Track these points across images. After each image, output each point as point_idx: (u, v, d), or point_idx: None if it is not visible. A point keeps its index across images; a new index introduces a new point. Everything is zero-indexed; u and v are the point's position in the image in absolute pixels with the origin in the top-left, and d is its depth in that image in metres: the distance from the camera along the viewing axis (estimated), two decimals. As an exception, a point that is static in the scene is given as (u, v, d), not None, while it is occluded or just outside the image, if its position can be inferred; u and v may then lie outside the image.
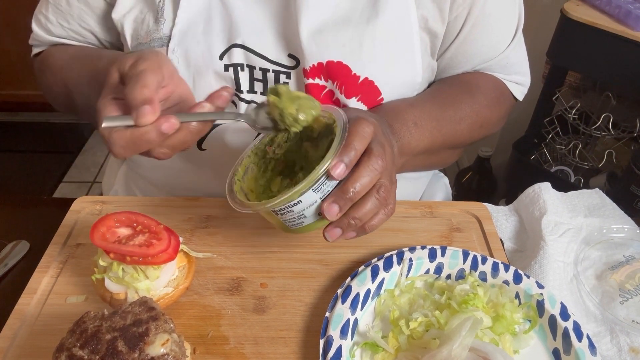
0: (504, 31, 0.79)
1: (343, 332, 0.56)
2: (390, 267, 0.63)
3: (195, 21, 0.71)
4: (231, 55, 0.71)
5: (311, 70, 0.70)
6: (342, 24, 0.70)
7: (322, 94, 0.73)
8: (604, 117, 1.40)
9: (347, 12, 0.70)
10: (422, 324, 0.57)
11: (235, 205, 0.57)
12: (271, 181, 0.64)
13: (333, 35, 0.70)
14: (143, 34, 0.73)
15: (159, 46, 0.72)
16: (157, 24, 0.72)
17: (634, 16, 1.22)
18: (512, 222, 0.78)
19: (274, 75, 0.72)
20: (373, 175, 0.53)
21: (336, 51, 0.70)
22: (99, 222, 0.58)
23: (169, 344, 0.48)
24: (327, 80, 0.71)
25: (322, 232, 0.56)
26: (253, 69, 0.72)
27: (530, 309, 0.61)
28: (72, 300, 0.62)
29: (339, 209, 0.53)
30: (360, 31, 0.70)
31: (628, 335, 0.61)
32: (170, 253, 0.58)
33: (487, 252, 0.70)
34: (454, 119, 0.75)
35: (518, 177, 1.65)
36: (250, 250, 0.69)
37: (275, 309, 0.62)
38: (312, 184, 0.51)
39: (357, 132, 0.53)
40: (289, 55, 0.72)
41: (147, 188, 0.86)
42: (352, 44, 0.70)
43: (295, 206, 0.53)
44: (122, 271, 0.58)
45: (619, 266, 0.69)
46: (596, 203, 0.79)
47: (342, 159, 0.51)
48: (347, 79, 0.71)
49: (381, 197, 0.55)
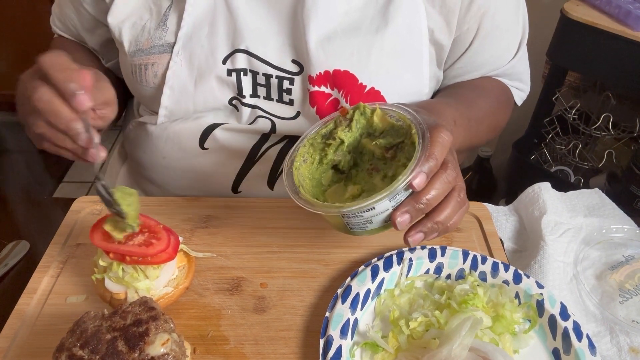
0: (511, 41, 0.80)
1: (343, 332, 0.56)
2: (390, 267, 0.63)
3: (200, 26, 0.72)
4: (234, 60, 0.71)
5: (317, 78, 0.70)
6: (351, 32, 0.70)
7: (327, 102, 0.73)
8: (604, 117, 1.40)
9: (356, 20, 0.70)
10: (422, 324, 0.57)
11: (301, 202, 0.54)
12: (323, 174, 0.61)
13: (341, 44, 0.70)
14: (143, 40, 0.73)
15: (160, 53, 0.72)
16: (160, 32, 0.72)
17: (634, 16, 1.22)
18: (512, 222, 0.78)
19: (277, 80, 0.72)
20: (446, 187, 0.53)
21: (344, 60, 0.70)
22: (98, 222, 0.58)
23: (169, 343, 0.48)
24: (333, 88, 0.71)
25: (404, 238, 0.54)
26: (256, 74, 0.72)
27: (530, 309, 0.61)
28: (72, 300, 0.62)
29: (410, 219, 0.52)
30: (369, 41, 0.70)
31: (628, 335, 0.61)
32: (169, 253, 0.58)
33: (487, 252, 0.70)
34: (477, 119, 0.75)
35: (518, 177, 1.65)
36: (250, 250, 0.69)
37: (275, 308, 0.62)
38: (391, 194, 0.50)
39: (438, 142, 0.52)
40: (293, 61, 0.72)
41: (149, 188, 0.86)
42: (360, 54, 0.70)
43: (366, 212, 0.52)
44: (122, 271, 0.58)
45: (619, 266, 0.69)
46: (596, 203, 0.79)
47: (423, 170, 0.50)
48: (353, 88, 0.71)
49: (461, 199, 0.55)
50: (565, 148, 1.55)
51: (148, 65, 0.73)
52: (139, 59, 0.74)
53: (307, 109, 0.74)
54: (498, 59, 0.80)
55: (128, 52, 0.74)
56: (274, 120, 0.75)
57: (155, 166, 0.81)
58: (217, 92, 0.73)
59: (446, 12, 0.71)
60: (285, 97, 0.74)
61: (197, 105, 0.74)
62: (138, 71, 0.74)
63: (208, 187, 0.80)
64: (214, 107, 0.75)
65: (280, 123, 0.75)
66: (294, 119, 0.75)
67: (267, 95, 0.74)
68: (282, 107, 0.75)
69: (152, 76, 0.74)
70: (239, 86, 0.73)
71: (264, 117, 0.75)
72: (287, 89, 0.73)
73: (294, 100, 0.74)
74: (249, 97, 0.74)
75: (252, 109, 0.75)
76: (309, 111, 0.73)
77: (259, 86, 0.73)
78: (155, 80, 0.74)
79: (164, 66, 0.73)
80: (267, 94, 0.74)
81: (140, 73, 0.74)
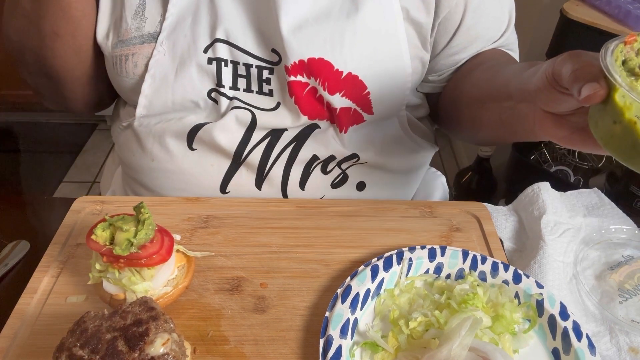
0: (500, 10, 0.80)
1: (343, 332, 0.56)
2: (390, 267, 0.64)
3: (183, 16, 0.73)
4: (215, 49, 0.72)
5: (292, 68, 0.71)
6: (322, 19, 0.70)
7: (304, 91, 0.73)
8: (604, 117, 1.40)
9: (326, 7, 0.71)
10: (422, 324, 0.57)
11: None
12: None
13: (313, 31, 0.70)
14: (122, 31, 0.74)
15: (140, 43, 0.74)
16: (139, 22, 0.74)
17: (634, 16, 1.22)
18: (511, 222, 0.78)
19: (257, 70, 0.73)
20: None
21: (317, 48, 0.70)
22: (94, 226, 0.58)
23: (169, 343, 0.48)
24: (310, 77, 0.71)
25: None
26: (237, 65, 0.73)
27: (529, 309, 0.61)
28: (73, 300, 0.63)
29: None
30: (341, 26, 0.70)
31: (627, 335, 0.61)
32: (163, 254, 0.58)
33: (486, 252, 0.70)
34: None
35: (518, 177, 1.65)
36: (250, 250, 0.69)
37: (275, 308, 0.62)
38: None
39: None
40: (273, 51, 0.72)
41: (140, 191, 0.86)
42: (333, 40, 0.70)
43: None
44: (119, 273, 0.57)
45: (618, 266, 0.69)
46: (595, 203, 0.79)
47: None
48: (329, 75, 0.71)
49: None
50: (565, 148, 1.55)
51: (128, 55, 0.74)
52: (119, 50, 0.75)
53: (287, 100, 0.74)
54: (491, 30, 0.80)
55: (111, 44, 0.76)
56: (253, 111, 0.75)
57: (145, 169, 0.81)
58: (197, 82, 0.74)
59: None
60: (265, 87, 0.74)
61: (176, 96, 0.75)
62: (118, 62, 0.75)
63: (196, 188, 0.79)
64: (192, 100, 0.75)
65: (260, 114, 0.75)
66: (274, 109, 0.75)
67: (247, 87, 0.74)
68: (262, 99, 0.75)
69: (132, 66, 0.75)
70: (219, 76, 0.73)
71: (243, 107, 0.75)
72: (267, 78, 0.73)
73: (273, 90, 0.74)
74: (228, 89, 0.74)
75: (230, 101, 0.75)
76: (289, 102, 0.74)
77: (240, 77, 0.74)
78: (135, 71, 0.75)
79: (145, 56, 0.74)
80: (247, 86, 0.74)
81: (120, 64, 0.75)
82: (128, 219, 0.58)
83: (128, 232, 0.56)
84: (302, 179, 0.79)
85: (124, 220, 0.57)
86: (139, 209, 0.58)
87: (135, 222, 0.58)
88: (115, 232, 0.57)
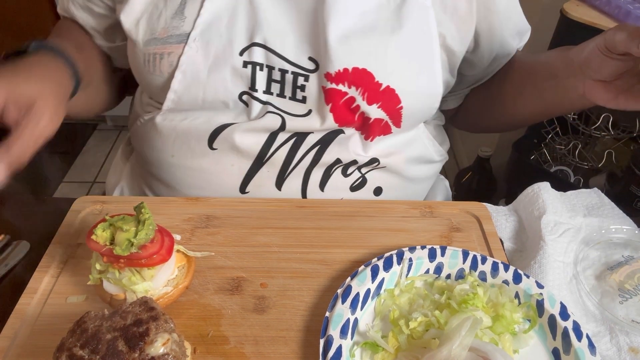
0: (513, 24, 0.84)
1: (343, 332, 0.56)
2: (390, 267, 0.64)
3: (220, 16, 0.72)
4: (251, 53, 0.72)
5: (336, 76, 0.71)
6: (368, 32, 0.72)
7: (341, 100, 0.73)
8: (604, 117, 1.40)
9: (372, 21, 0.72)
10: (422, 324, 0.57)
11: None
12: None
13: (359, 42, 0.71)
14: (159, 29, 0.73)
15: (177, 43, 0.72)
16: (178, 21, 0.72)
17: (634, 16, 1.22)
18: (511, 222, 0.78)
19: (293, 76, 0.73)
20: None
21: (362, 58, 0.71)
22: (94, 226, 0.58)
23: (169, 343, 0.48)
24: (350, 86, 0.72)
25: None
26: (272, 70, 0.73)
27: (529, 309, 0.61)
28: (73, 300, 0.63)
29: None
30: (385, 40, 0.72)
31: (627, 335, 0.61)
32: (163, 255, 0.58)
33: (486, 252, 0.71)
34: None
35: (518, 177, 1.65)
36: (250, 250, 0.69)
37: (275, 308, 0.62)
38: None
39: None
40: (309, 59, 0.72)
41: (156, 186, 0.86)
42: (377, 52, 0.72)
43: None
44: (119, 273, 0.57)
45: (618, 266, 0.69)
46: (595, 203, 0.79)
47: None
48: (369, 86, 0.72)
49: None
50: (565, 148, 1.55)
51: (164, 54, 0.73)
52: (153, 47, 0.73)
53: (320, 107, 0.74)
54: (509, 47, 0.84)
55: (142, 40, 0.74)
56: (284, 116, 0.75)
57: (164, 164, 0.81)
58: (229, 84, 0.73)
59: (457, 19, 0.75)
60: (299, 93, 0.74)
61: (207, 95, 0.74)
62: (152, 60, 0.74)
63: (216, 187, 0.80)
64: (223, 101, 0.75)
65: (290, 120, 0.75)
66: (305, 116, 0.75)
67: (280, 92, 0.74)
68: (294, 105, 0.75)
69: (168, 65, 0.73)
70: (253, 80, 0.73)
71: (274, 112, 0.75)
72: (302, 85, 0.73)
73: (307, 97, 0.74)
74: (261, 93, 0.74)
75: (263, 105, 0.75)
76: (321, 109, 0.74)
77: (274, 82, 0.73)
78: (170, 70, 0.74)
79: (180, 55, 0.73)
80: (281, 91, 0.74)
81: (154, 62, 0.74)
82: (128, 219, 0.58)
83: (128, 232, 0.56)
84: (323, 180, 0.80)
85: (124, 221, 0.58)
86: (140, 209, 0.58)
87: (136, 222, 0.58)
88: (115, 232, 0.57)
